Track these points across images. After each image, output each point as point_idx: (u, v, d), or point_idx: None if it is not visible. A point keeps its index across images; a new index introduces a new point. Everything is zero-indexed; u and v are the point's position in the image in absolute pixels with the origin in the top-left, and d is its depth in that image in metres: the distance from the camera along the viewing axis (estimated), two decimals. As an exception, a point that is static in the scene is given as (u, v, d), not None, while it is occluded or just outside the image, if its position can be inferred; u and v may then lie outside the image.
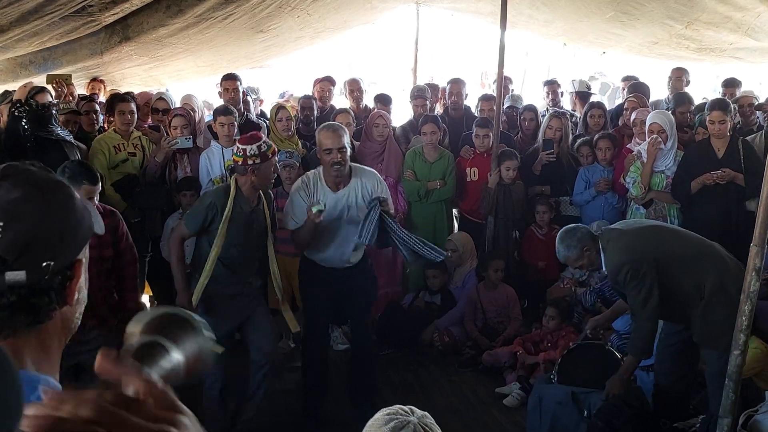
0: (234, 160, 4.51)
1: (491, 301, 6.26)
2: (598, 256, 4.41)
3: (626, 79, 8.05)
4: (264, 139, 4.49)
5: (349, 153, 4.63)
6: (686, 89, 7.42)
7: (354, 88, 7.54)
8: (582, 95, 7.84)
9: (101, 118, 6.56)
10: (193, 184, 6.01)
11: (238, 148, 4.44)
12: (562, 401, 4.61)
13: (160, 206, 6.07)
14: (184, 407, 0.86)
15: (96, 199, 4.17)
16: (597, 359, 4.78)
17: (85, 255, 1.25)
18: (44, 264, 1.13)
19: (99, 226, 1.28)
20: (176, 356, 1.01)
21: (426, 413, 2.29)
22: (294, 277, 6.13)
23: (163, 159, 5.96)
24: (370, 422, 2.25)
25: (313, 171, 4.81)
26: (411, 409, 2.31)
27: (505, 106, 7.35)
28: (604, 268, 4.47)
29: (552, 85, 8.11)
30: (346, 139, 4.61)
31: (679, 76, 7.56)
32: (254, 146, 4.37)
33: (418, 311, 6.37)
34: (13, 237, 1.10)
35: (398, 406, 2.34)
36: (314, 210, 4.45)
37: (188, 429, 0.83)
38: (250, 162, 4.37)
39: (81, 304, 1.27)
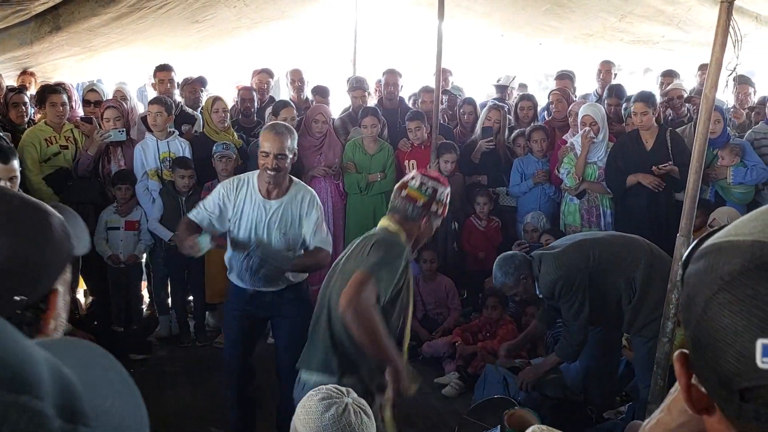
0: (410, 195, 3.27)
1: (430, 292, 6.30)
2: (533, 285, 4.55)
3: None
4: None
5: (289, 161, 4.12)
6: (616, 81, 7.60)
7: (296, 78, 7.48)
8: (501, 89, 8.05)
9: (31, 110, 6.41)
10: (128, 178, 5.93)
11: (423, 183, 3.28)
12: (496, 382, 4.85)
13: (93, 200, 5.98)
14: None
15: (17, 181, 3.30)
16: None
17: (65, 280, 1.18)
18: (16, 299, 1.08)
19: (83, 245, 1.22)
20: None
21: (358, 396, 2.31)
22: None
23: (96, 152, 5.86)
24: (304, 410, 2.21)
25: (251, 172, 4.35)
26: (344, 390, 2.30)
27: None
28: (538, 292, 4.60)
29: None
30: (289, 144, 4.07)
31: (607, 69, 7.71)
32: (448, 189, 3.38)
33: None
34: None
35: (327, 386, 2.31)
36: (198, 240, 3.97)
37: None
38: (434, 208, 3.30)
39: (59, 330, 1.20)
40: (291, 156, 4.14)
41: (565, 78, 7.62)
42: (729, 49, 3.56)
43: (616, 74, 7.78)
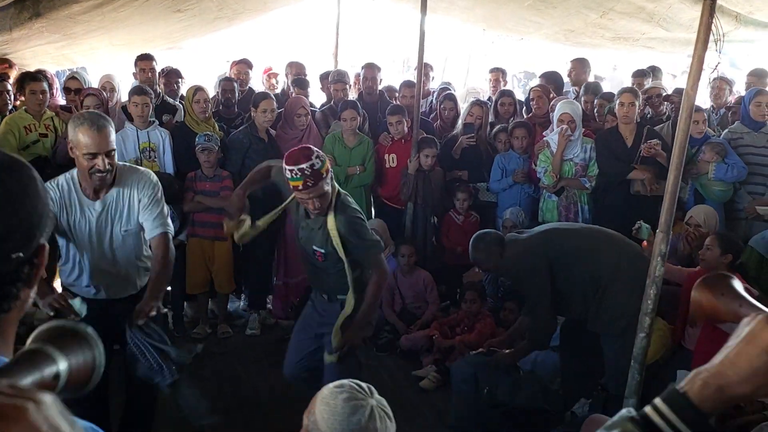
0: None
1: (408, 286, 6.31)
2: (504, 262, 4.59)
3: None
4: (317, 153, 3.78)
5: (116, 155, 3.65)
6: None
7: (298, 71, 7.48)
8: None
9: (12, 98, 6.35)
10: (107, 167, 5.88)
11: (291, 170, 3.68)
12: (465, 379, 4.80)
13: (71, 189, 5.92)
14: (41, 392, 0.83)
15: None
16: None
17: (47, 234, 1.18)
18: (13, 256, 1.07)
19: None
20: (61, 365, 1.00)
21: (382, 398, 2.26)
22: (213, 261, 6.08)
23: (75, 141, 5.80)
24: (329, 408, 2.15)
25: (64, 175, 3.73)
26: (366, 388, 2.24)
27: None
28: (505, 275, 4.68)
29: (496, 72, 8.12)
30: (113, 136, 3.59)
31: (577, 67, 7.75)
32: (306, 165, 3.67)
33: (336, 296, 6.38)
34: None
35: (350, 383, 2.24)
36: (75, 305, 3.43)
37: (48, 406, 0.80)
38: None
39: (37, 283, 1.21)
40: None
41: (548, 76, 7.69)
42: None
43: (589, 72, 7.83)
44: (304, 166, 3.63)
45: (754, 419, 3.34)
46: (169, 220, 3.94)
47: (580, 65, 7.77)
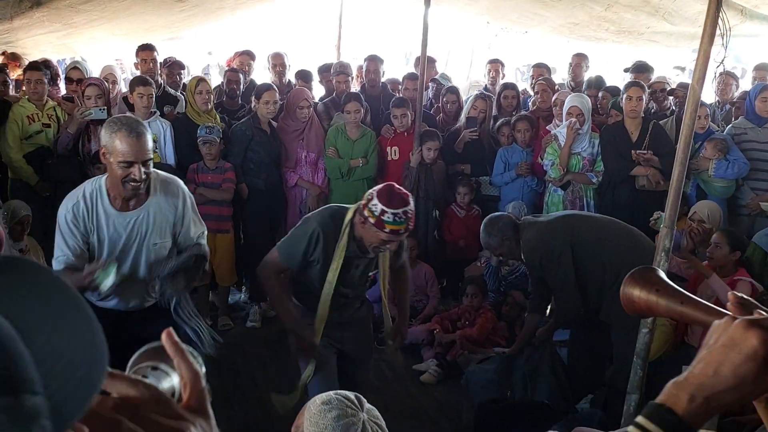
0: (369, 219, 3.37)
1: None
2: (517, 247, 4.54)
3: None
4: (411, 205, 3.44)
5: (152, 163, 3.37)
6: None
7: (277, 62, 7.42)
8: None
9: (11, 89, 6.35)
10: (108, 158, 5.86)
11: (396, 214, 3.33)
12: (485, 385, 4.76)
13: (73, 179, 5.88)
14: (189, 416, 0.82)
15: None
16: None
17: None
18: None
19: None
20: (174, 379, 0.98)
21: (371, 407, 2.09)
22: (215, 253, 6.04)
23: (76, 130, 5.79)
24: (317, 428, 1.98)
25: (90, 183, 3.45)
26: (355, 401, 2.06)
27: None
28: (523, 258, 4.60)
29: (494, 64, 8.07)
30: (150, 143, 3.34)
31: (578, 63, 7.72)
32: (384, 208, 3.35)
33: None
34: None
35: (337, 397, 2.06)
36: (98, 280, 3.18)
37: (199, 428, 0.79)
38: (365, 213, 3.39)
39: None
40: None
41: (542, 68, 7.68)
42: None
43: (588, 67, 7.80)
44: (408, 208, 3.37)
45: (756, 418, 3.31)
46: (204, 228, 3.77)
47: (579, 60, 7.74)
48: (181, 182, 3.66)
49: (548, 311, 5.21)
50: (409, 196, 3.48)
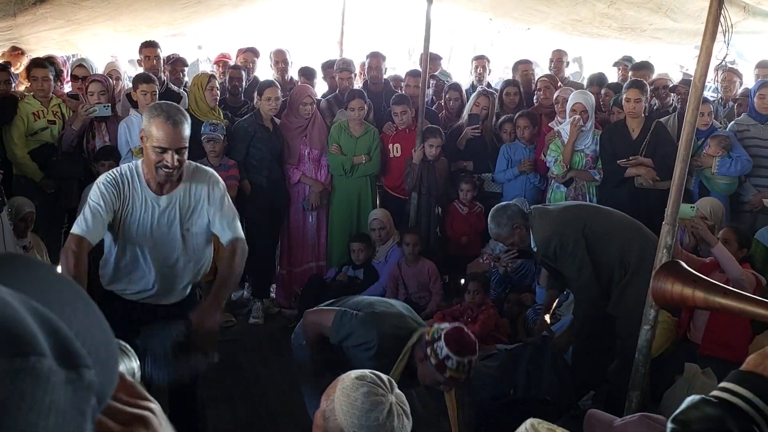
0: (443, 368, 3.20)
1: (412, 276, 6.29)
2: (527, 234, 4.51)
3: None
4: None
5: (186, 152, 3.42)
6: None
7: (280, 59, 7.43)
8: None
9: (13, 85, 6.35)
10: (112, 154, 5.87)
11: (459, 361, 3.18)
12: (487, 381, 4.72)
13: (77, 176, 5.93)
14: (151, 397, 0.83)
15: None
16: None
17: None
18: None
19: None
20: (135, 362, 0.98)
21: (400, 392, 2.23)
22: (217, 249, 6.02)
23: (80, 127, 5.80)
24: (348, 400, 2.13)
25: (128, 165, 3.55)
26: (386, 382, 2.21)
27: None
28: (533, 245, 4.57)
29: (480, 60, 8.08)
30: (187, 132, 3.38)
31: (559, 58, 7.73)
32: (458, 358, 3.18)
33: (340, 285, 6.36)
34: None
35: (371, 375, 2.20)
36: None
37: (159, 417, 0.81)
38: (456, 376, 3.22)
39: None
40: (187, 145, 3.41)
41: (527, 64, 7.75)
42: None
43: (568, 63, 7.81)
44: (474, 357, 3.22)
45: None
46: (238, 223, 3.71)
47: (560, 56, 7.77)
48: (214, 172, 3.68)
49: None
50: (476, 344, 3.27)
